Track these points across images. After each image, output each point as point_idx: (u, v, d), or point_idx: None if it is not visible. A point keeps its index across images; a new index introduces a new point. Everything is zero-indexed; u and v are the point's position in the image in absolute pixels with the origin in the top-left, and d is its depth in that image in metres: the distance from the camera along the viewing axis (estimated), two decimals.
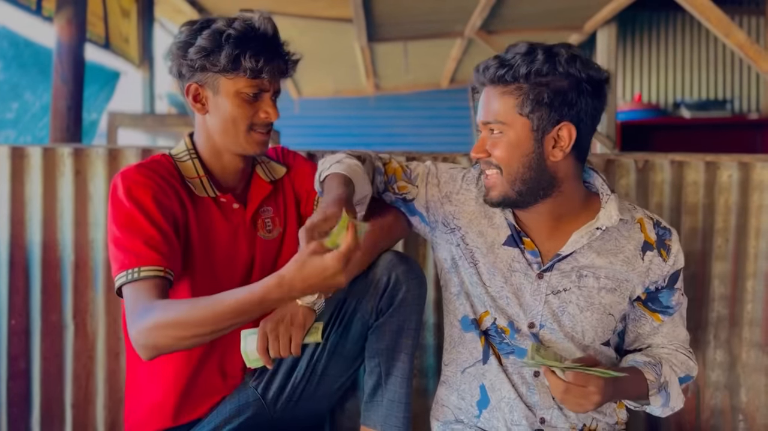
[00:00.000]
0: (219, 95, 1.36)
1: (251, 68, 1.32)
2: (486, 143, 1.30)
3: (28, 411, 1.87)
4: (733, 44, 2.43)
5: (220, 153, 1.43)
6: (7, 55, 3.31)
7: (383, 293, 1.37)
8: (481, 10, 3.91)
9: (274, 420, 1.45)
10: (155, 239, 1.27)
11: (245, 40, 1.32)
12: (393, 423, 1.39)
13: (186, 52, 1.34)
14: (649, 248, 1.36)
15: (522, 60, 1.22)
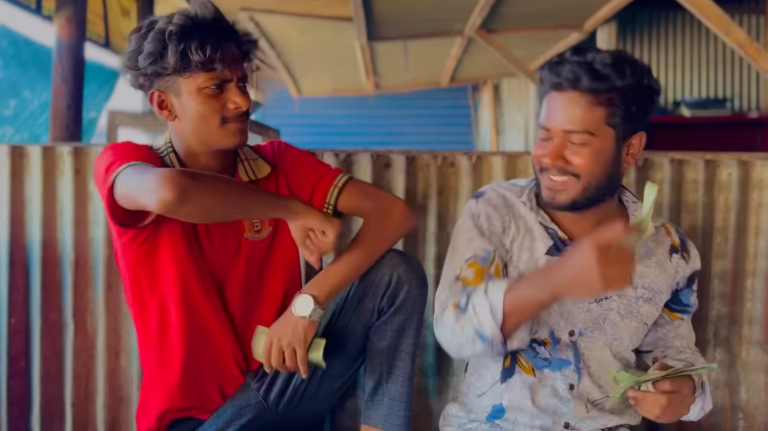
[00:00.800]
0: (182, 97, 1.30)
1: (202, 61, 1.24)
2: (563, 151, 1.23)
3: (28, 410, 1.87)
4: (733, 43, 2.43)
5: (197, 155, 1.37)
6: (7, 53, 3.31)
7: (384, 293, 1.37)
8: (481, 9, 3.91)
9: (276, 422, 1.45)
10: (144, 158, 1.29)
11: (187, 33, 1.24)
12: (394, 422, 1.39)
13: (136, 61, 1.28)
14: (675, 251, 1.39)
15: (615, 72, 1.21)
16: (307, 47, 5.45)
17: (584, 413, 1.33)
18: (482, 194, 1.39)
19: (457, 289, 1.29)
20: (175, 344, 1.39)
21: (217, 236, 1.40)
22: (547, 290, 1.12)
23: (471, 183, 1.81)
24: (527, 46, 5.16)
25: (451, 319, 1.24)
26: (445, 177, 1.84)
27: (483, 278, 1.29)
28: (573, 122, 1.22)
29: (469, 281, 1.29)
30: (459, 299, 1.25)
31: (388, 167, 1.84)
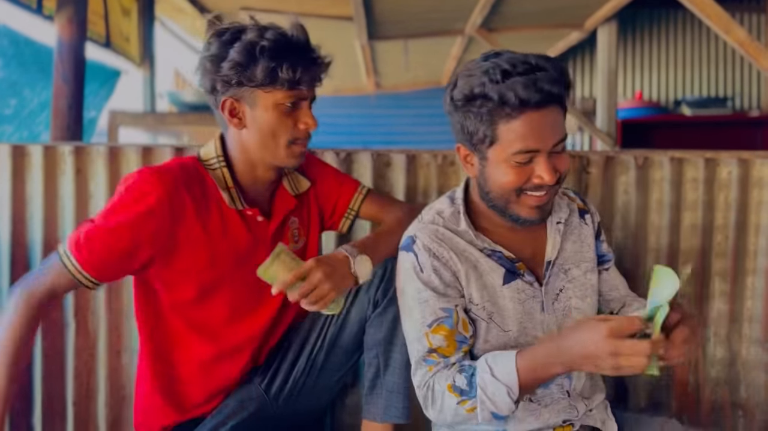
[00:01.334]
0: (257, 109, 1.31)
1: (289, 80, 1.28)
2: (554, 165, 1.20)
3: (29, 408, 1.87)
4: (734, 42, 2.43)
5: (254, 166, 1.39)
6: (8, 53, 3.31)
7: (379, 285, 1.41)
8: (482, 8, 3.91)
9: (277, 415, 1.47)
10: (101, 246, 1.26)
11: (281, 52, 1.27)
12: (393, 413, 1.42)
13: (219, 66, 1.28)
14: (584, 212, 1.41)
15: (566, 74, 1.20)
16: None
17: (584, 408, 1.33)
18: (414, 242, 1.27)
19: (437, 365, 1.22)
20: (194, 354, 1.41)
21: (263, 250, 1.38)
22: (562, 367, 1.11)
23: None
24: (528, 45, 5.16)
25: (452, 403, 1.18)
26: (446, 176, 1.84)
27: (455, 341, 1.22)
28: (559, 132, 1.19)
29: (444, 351, 1.22)
30: (454, 381, 1.18)
31: (389, 166, 1.85)
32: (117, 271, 1.31)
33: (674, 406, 1.86)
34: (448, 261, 1.26)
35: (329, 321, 1.46)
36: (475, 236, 1.28)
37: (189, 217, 1.32)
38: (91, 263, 1.27)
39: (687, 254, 1.85)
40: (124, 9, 4.37)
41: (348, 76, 6.66)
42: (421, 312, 1.24)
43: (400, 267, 1.29)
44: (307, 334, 1.48)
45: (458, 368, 1.20)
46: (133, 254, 1.28)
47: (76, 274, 1.27)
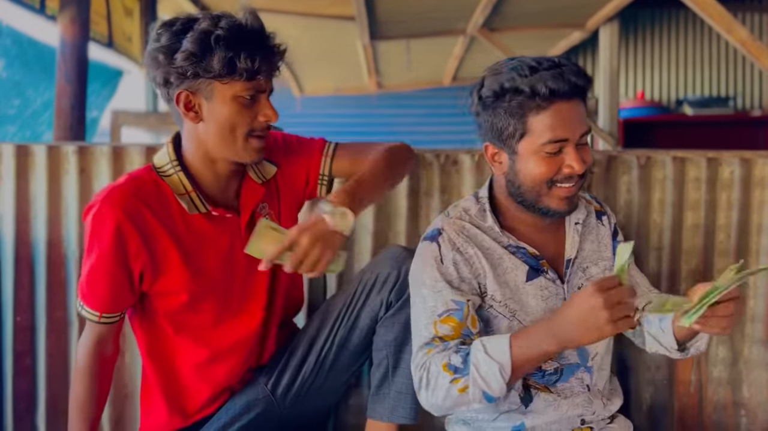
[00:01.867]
0: (214, 102, 1.26)
1: (248, 70, 1.23)
2: (581, 156, 1.25)
3: (33, 408, 1.88)
4: (736, 41, 2.43)
5: (212, 161, 1.34)
6: (11, 53, 3.32)
7: (393, 287, 1.40)
8: (484, 8, 3.91)
9: (283, 416, 1.47)
10: (99, 285, 1.31)
11: (237, 41, 1.22)
12: (400, 413, 1.41)
13: (172, 58, 1.22)
14: (601, 214, 1.46)
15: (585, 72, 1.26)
16: (310, 46, 5.46)
17: (602, 407, 1.34)
18: (440, 234, 1.32)
19: (436, 347, 1.24)
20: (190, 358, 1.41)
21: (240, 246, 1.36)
22: (554, 341, 1.12)
23: (474, 181, 1.82)
24: (530, 45, 5.16)
25: (444, 382, 1.19)
26: (448, 176, 1.84)
27: (461, 333, 1.25)
28: (584, 124, 1.26)
29: (447, 338, 1.25)
30: (449, 359, 1.20)
31: None
32: (128, 296, 1.34)
33: (676, 406, 1.86)
34: (471, 257, 1.30)
35: (340, 323, 1.45)
36: (500, 233, 1.32)
37: (156, 230, 1.30)
38: (103, 303, 1.32)
39: (689, 253, 1.85)
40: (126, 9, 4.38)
41: (350, 75, 6.66)
42: (434, 300, 1.27)
43: (419, 255, 1.33)
44: (316, 335, 1.47)
45: (455, 349, 1.22)
46: (129, 277, 1.31)
47: (100, 319, 1.33)
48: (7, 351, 1.86)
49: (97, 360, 1.36)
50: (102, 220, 1.26)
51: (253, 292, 1.42)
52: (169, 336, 1.39)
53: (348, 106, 8.01)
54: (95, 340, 1.36)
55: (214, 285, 1.38)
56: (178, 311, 1.37)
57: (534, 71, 1.22)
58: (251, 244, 1.27)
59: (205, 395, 1.43)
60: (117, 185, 1.30)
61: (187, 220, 1.33)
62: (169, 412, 1.42)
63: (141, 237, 1.28)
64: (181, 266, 1.33)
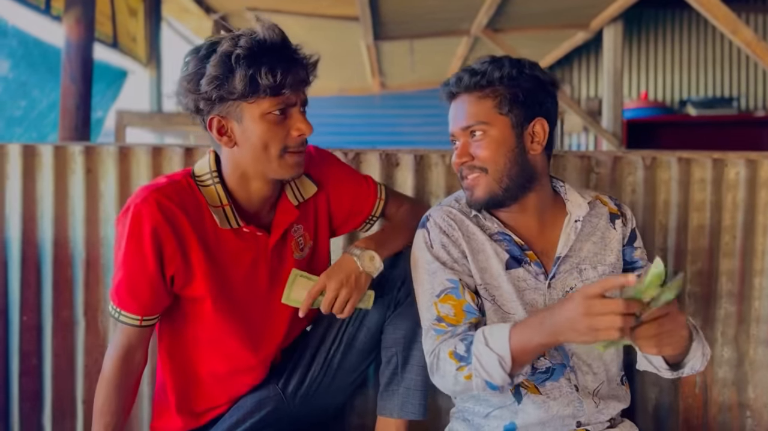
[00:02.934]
0: (244, 123, 1.24)
1: (270, 85, 1.21)
2: (468, 148, 1.33)
3: (39, 407, 1.88)
4: (740, 41, 2.43)
5: (248, 181, 1.32)
6: (17, 53, 3.33)
7: (401, 286, 1.42)
8: (488, 8, 3.92)
9: (293, 414, 1.48)
10: (139, 287, 1.29)
11: (257, 57, 1.20)
12: (410, 409, 1.43)
13: (198, 85, 1.22)
14: (616, 217, 1.44)
15: (492, 67, 1.33)
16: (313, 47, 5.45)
17: (594, 408, 1.34)
18: (428, 219, 1.38)
19: (445, 334, 1.27)
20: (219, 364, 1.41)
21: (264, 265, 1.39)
22: (548, 336, 1.13)
23: None
24: (534, 45, 5.16)
25: (452, 369, 1.22)
26: (453, 176, 1.84)
27: (463, 311, 1.28)
28: (468, 117, 1.32)
29: (451, 320, 1.28)
30: (455, 348, 1.23)
31: (397, 166, 1.85)
32: (165, 297, 1.34)
33: (681, 407, 1.86)
34: (457, 240, 1.35)
35: (347, 322, 1.46)
36: (485, 218, 1.37)
37: (189, 237, 1.30)
38: (144, 306, 1.32)
39: (695, 254, 1.85)
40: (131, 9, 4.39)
41: (353, 76, 6.67)
42: (430, 283, 1.32)
43: (415, 243, 1.39)
44: (324, 334, 1.48)
45: (461, 336, 1.25)
46: (164, 279, 1.31)
47: (141, 322, 1.32)
48: (14, 350, 1.87)
49: (125, 369, 1.35)
50: (141, 221, 1.25)
51: (276, 312, 1.42)
52: (191, 344, 1.40)
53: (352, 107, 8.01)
54: (126, 347, 1.34)
55: (237, 301, 1.38)
56: (202, 320, 1.37)
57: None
58: (285, 294, 1.35)
59: (219, 401, 1.45)
60: (156, 187, 1.29)
61: (217, 232, 1.33)
62: (182, 415, 1.43)
63: (176, 241, 1.28)
64: (208, 276, 1.32)
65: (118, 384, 1.35)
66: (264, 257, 1.37)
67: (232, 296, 1.37)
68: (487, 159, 1.31)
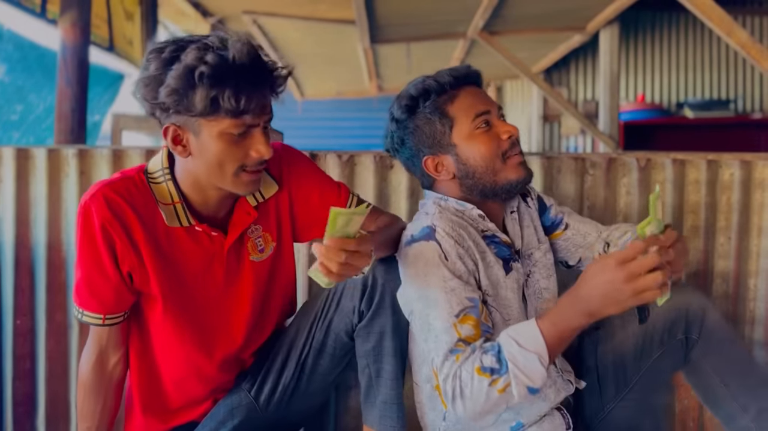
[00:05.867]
0: (201, 137, 1.18)
1: (232, 109, 1.14)
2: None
3: (33, 411, 1.88)
4: (736, 44, 2.43)
5: (203, 188, 1.28)
6: (12, 57, 3.32)
7: (362, 296, 1.34)
8: (484, 11, 3.92)
9: (267, 420, 1.45)
10: (97, 285, 1.28)
11: (221, 78, 1.12)
12: (388, 424, 1.38)
13: (156, 92, 1.15)
14: (525, 196, 1.49)
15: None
16: (311, 50, 5.47)
17: (571, 386, 1.38)
18: (435, 230, 1.27)
19: (464, 353, 1.16)
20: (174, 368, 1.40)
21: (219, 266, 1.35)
22: (584, 316, 1.10)
23: None
24: (530, 48, 5.17)
25: (483, 386, 1.12)
26: None
27: (480, 330, 1.20)
28: (494, 101, 1.37)
29: (471, 339, 1.19)
30: (481, 363, 1.14)
31: (392, 169, 1.85)
32: (127, 294, 1.32)
33: (678, 407, 1.86)
34: (469, 249, 1.28)
35: (315, 327, 1.42)
36: (482, 219, 1.35)
37: (139, 234, 1.27)
38: (104, 303, 1.30)
39: (690, 255, 1.85)
40: (127, 13, 4.39)
41: (351, 79, 6.67)
42: (448, 302, 1.21)
43: (419, 258, 1.26)
44: (294, 338, 1.44)
45: (482, 350, 1.15)
46: (122, 275, 1.29)
47: (104, 321, 1.31)
48: (7, 354, 1.86)
49: (99, 372, 1.33)
50: (90, 219, 1.24)
51: (233, 316, 1.39)
52: (151, 345, 1.38)
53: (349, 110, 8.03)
54: (98, 349, 1.33)
55: (189, 302, 1.35)
56: (156, 321, 1.35)
57: (429, 76, 1.35)
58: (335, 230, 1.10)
59: (183, 404, 1.43)
60: (106, 183, 1.27)
61: (168, 230, 1.29)
62: (146, 418, 1.41)
63: (127, 237, 1.26)
64: (159, 275, 1.30)
65: (94, 387, 1.34)
66: (219, 258, 1.32)
67: (183, 296, 1.34)
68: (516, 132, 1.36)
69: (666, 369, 1.43)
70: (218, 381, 1.44)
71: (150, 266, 1.29)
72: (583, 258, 1.50)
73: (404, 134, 1.37)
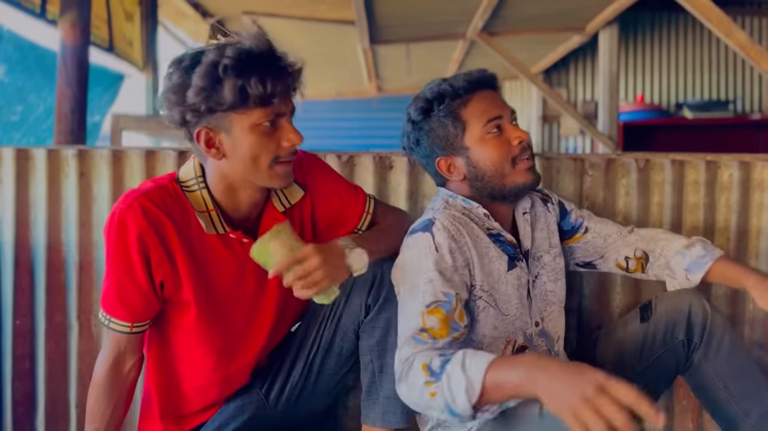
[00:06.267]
0: (233, 134, 1.22)
1: (261, 95, 1.18)
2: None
3: (33, 411, 1.88)
4: (735, 45, 2.43)
5: (235, 191, 1.31)
6: (12, 58, 3.32)
7: (370, 290, 1.38)
8: (483, 12, 3.92)
9: (276, 419, 1.47)
10: (128, 294, 1.29)
11: (245, 67, 1.17)
12: (392, 419, 1.40)
13: (184, 97, 1.18)
14: (545, 201, 1.55)
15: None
16: (310, 51, 5.47)
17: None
18: (434, 223, 1.31)
19: (425, 344, 1.20)
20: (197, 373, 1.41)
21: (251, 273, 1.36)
22: (531, 386, 1.03)
23: None
24: (530, 49, 5.17)
25: (420, 382, 1.14)
26: None
27: (449, 327, 1.22)
28: (508, 105, 1.41)
29: (435, 333, 1.21)
30: (430, 361, 1.15)
31: (391, 169, 1.85)
32: (156, 302, 1.32)
33: (677, 408, 1.86)
34: (463, 245, 1.32)
35: (324, 326, 1.44)
36: (487, 218, 1.38)
37: (176, 243, 1.28)
38: (134, 312, 1.31)
39: None
40: (127, 13, 4.39)
41: (350, 79, 6.68)
42: (423, 291, 1.25)
43: (412, 246, 1.31)
44: (303, 339, 1.47)
45: (440, 352, 1.17)
46: (153, 285, 1.30)
47: (132, 329, 1.32)
48: (7, 354, 1.87)
49: (115, 375, 1.35)
50: (125, 229, 1.24)
51: (259, 320, 1.42)
52: (175, 350, 1.40)
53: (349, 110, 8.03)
54: (116, 354, 1.34)
55: (220, 308, 1.36)
56: (185, 327, 1.37)
57: (445, 79, 1.40)
58: (262, 244, 1.21)
59: (200, 408, 1.44)
60: (141, 192, 1.27)
61: (203, 238, 1.31)
62: (164, 422, 1.42)
63: (162, 246, 1.27)
64: (193, 282, 1.31)
65: (107, 390, 1.34)
66: (251, 264, 1.31)
67: (216, 303, 1.35)
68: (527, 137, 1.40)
69: (666, 370, 1.45)
70: (236, 385, 1.46)
71: (184, 274, 1.30)
72: (603, 257, 1.58)
73: (419, 135, 1.42)
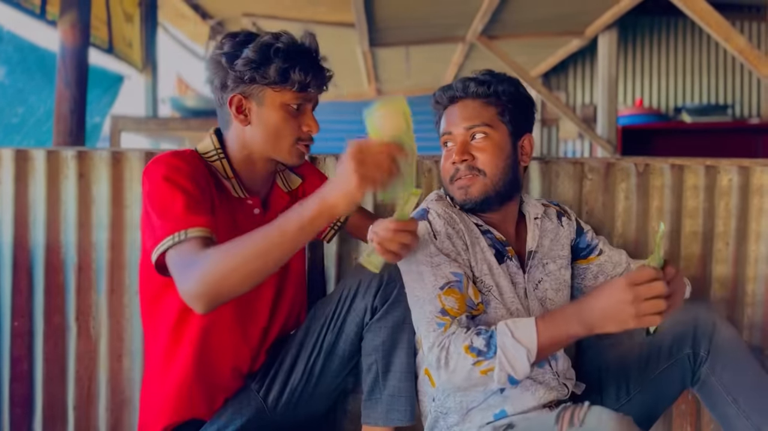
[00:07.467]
0: (264, 107, 1.36)
1: (300, 81, 1.34)
2: (467, 148, 1.38)
3: (30, 413, 1.87)
4: (734, 49, 2.44)
5: (253, 160, 1.42)
6: (12, 59, 3.32)
7: (377, 292, 1.40)
8: (483, 16, 3.93)
9: (275, 422, 1.47)
10: (197, 205, 1.25)
11: (294, 54, 1.34)
12: (396, 416, 1.41)
13: (233, 63, 1.34)
14: (561, 215, 1.56)
15: (495, 80, 1.41)
16: None
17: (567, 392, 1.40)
18: (428, 212, 1.37)
19: (449, 327, 1.24)
20: (188, 348, 1.40)
21: None
22: (583, 326, 1.15)
23: None
24: (529, 52, 5.18)
25: (467, 364, 1.19)
26: None
27: (465, 304, 1.28)
28: (473, 118, 1.39)
29: (455, 312, 1.26)
30: (471, 342, 1.20)
31: None
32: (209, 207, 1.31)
33: (674, 412, 1.86)
34: (460, 231, 1.36)
35: (326, 329, 1.46)
36: (467, 215, 1.41)
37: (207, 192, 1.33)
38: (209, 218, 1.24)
39: (687, 260, 1.85)
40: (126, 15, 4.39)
41: (350, 82, 6.68)
42: (433, 275, 1.29)
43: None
44: (304, 341, 1.48)
45: (476, 331, 1.22)
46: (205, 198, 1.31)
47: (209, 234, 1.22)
48: (5, 355, 1.86)
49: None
50: (178, 164, 1.30)
51: (258, 298, 1.44)
52: (175, 333, 1.39)
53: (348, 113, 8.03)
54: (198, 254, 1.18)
55: None
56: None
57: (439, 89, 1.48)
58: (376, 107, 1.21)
59: (199, 393, 1.44)
60: (170, 154, 1.34)
61: (225, 203, 1.38)
62: (164, 407, 1.42)
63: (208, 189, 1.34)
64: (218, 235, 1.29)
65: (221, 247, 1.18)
66: None
67: None
68: (488, 162, 1.37)
69: (672, 384, 1.45)
70: (232, 370, 1.46)
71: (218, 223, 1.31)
72: None
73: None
